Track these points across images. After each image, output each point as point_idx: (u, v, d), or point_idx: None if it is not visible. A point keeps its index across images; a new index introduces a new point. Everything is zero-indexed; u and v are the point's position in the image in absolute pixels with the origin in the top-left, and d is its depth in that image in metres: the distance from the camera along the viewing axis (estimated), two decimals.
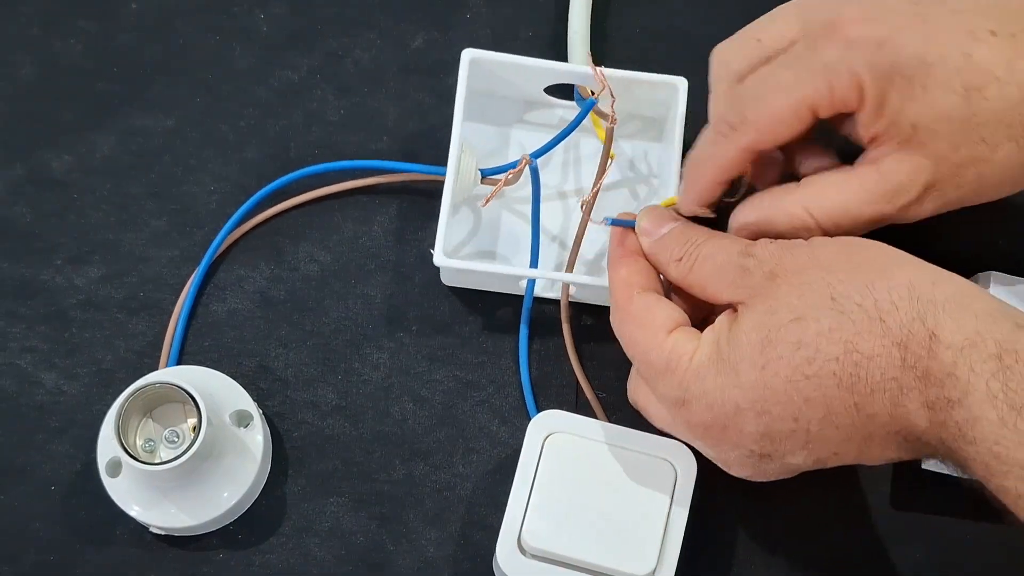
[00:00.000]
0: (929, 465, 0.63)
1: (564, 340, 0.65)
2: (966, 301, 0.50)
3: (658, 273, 0.58)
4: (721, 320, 0.54)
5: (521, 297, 0.65)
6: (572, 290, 0.65)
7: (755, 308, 0.53)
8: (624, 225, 0.59)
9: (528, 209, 0.65)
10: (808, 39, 0.54)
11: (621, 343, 0.57)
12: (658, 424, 0.57)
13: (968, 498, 0.62)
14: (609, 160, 0.61)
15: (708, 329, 0.55)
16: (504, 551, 0.58)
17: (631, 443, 0.59)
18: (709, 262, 0.55)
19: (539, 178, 0.63)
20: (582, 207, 0.62)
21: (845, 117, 0.55)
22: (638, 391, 0.58)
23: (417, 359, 0.65)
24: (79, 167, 0.67)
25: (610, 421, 0.62)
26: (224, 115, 0.69)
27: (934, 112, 0.52)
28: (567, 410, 0.60)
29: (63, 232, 0.66)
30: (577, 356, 0.65)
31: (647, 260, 0.58)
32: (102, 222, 0.67)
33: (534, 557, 0.58)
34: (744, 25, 0.58)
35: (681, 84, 0.64)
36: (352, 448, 0.64)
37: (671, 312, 0.56)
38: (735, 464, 0.55)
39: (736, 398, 0.52)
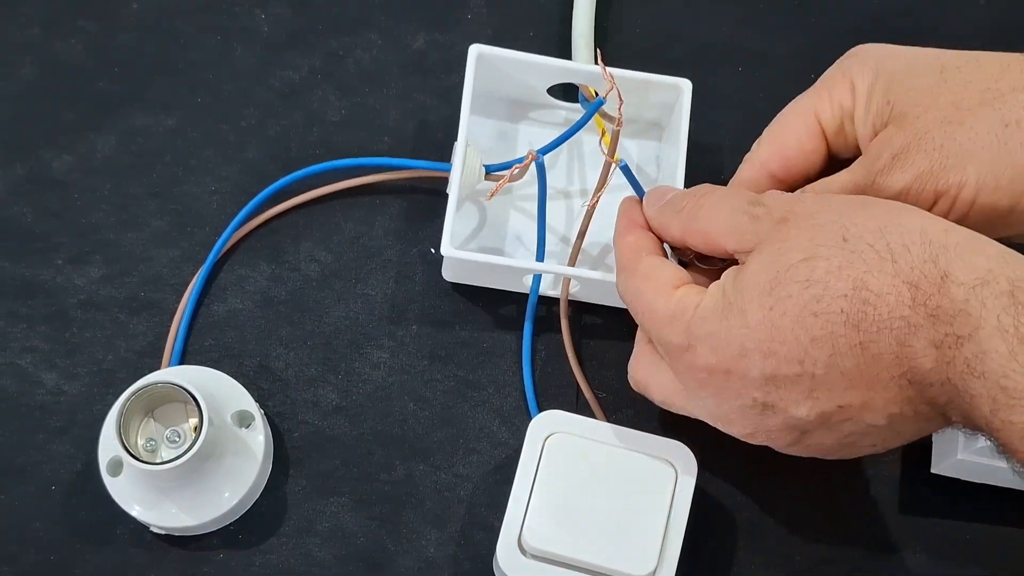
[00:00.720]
0: (938, 469, 0.63)
1: (563, 339, 0.65)
2: (977, 245, 0.51)
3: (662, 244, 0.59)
4: (727, 272, 0.54)
5: (523, 296, 0.66)
6: (573, 289, 0.65)
7: (764, 251, 0.53)
8: (633, 180, 0.60)
9: (532, 207, 0.65)
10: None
11: (626, 301, 0.57)
12: (659, 397, 0.57)
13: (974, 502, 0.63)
14: (613, 165, 0.61)
15: (714, 283, 0.55)
16: (504, 551, 0.58)
17: (632, 443, 0.59)
18: (715, 210, 0.56)
19: (545, 174, 0.63)
20: (587, 213, 0.62)
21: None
22: (638, 363, 0.58)
23: (418, 359, 0.65)
24: (80, 167, 0.67)
25: (610, 421, 0.62)
26: (225, 115, 0.69)
27: (907, 85, 0.57)
28: (567, 410, 0.60)
29: (64, 232, 0.66)
30: (576, 355, 0.65)
31: (653, 232, 0.59)
32: (103, 222, 0.67)
33: (534, 557, 0.58)
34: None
35: (686, 86, 0.64)
36: (353, 448, 0.64)
37: (677, 270, 0.56)
38: (736, 418, 0.55)
39: (742, 339, 0.52)
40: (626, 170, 0.59)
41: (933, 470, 0.63)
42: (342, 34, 0.70)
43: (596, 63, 0.61)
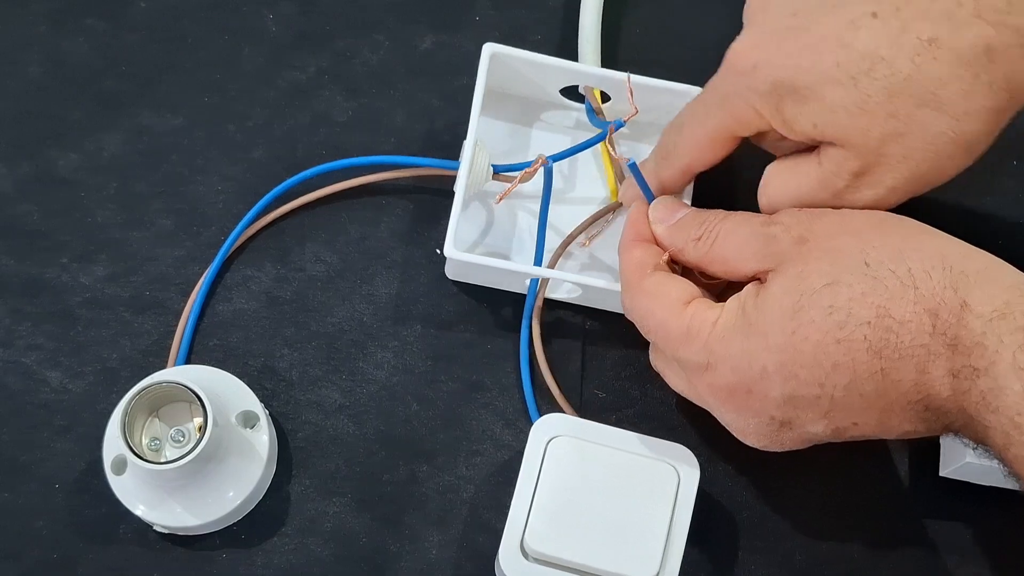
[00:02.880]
0: (946, 472, 0.63)
1: (533, 339, 0.65)
2: (996, 274, 0.51)
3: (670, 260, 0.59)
4: (747, 289, 0.55)
5: (524, 295, 0.66)
6: (573, 294, 0.65)
7: (785, 273, 0.53)
8: (642, 180, 0.60)
9: (535, 207, 0.65)
10: (718, 73, 0.58)
11: (635, 319, 0.58)
12: (676, 389, 0.59)
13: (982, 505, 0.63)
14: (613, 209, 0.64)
15: (732, 297, 0.55)
16: (507, 554, 0.58)
17: (634, 447, 0.59)
18: (731, 236, 0.56)
19: (552, 180, 0.63)
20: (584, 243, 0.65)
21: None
22: (656, 356, 0.59)
23: (422, 360, 0.65)
24: (86, 166, 0.67)
25: (610, 422, 0.63)
26: (231, 115, 0.69)
27: (827, 107, 0.54)
28: (570, 413, 0.60)
29: (69, 230, 0.67)
30: (546, 356, 0.65)
31: (659, 246, 0.59)
32: (109, 221, 0.67)
33: (536, 560, 0.58)
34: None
35: (693, 92, 0.64)
36: (356, 449, 0.64)
37: (686, 286, 0.57)
38: (752, 432, 0.56)
39: (764, 361, 0.53)
40: (634, 168, 0.59)
41: (942, 473, 0.63)
42: (349, 35, 0.70)
43: (627, 88, 0.61)
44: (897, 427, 0.53)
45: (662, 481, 0.58)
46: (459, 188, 0.62)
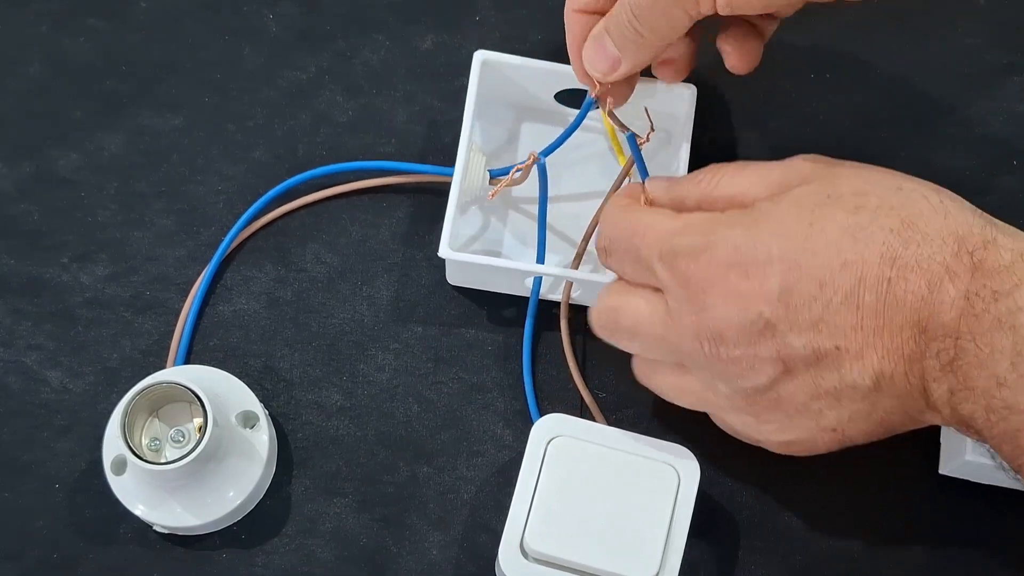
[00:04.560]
0: (946, 470, 0.63)
1: (563, 342, 0.65)
2: (1020, 232, 0.51)
3: None
4: (759, 198, 0.54)
5: (527, 299, 0.66)
6: (575, 292, 0.65)
7: (813, 182, 0.53)
8: (639, 156, 0.60)
9: (535, 210, 0.65)
10: None
11: (615, 236, 0.56)
12: (629, 322, 0.56)
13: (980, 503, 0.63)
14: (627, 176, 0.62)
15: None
16: (507, 555, 0.58)
17: (634, 447, 0.59)
18: (742, 172, 0.55)
19: (547, 176, 0.63)
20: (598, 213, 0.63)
21: None
22: (613, 288, 0.57)
23: (422, 361, 0.65)
24: (87, 165, 0.68)
25: (611, 422, 0.63)
26: (232, 115, 0.69)
27: None
28: (572, 413, 0.60)
29: (70, 230, 0.67)
30: (576, 358, 0.65)
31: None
32: (109, 221, 0.67)
33: (537, 561, 0.58)
34: None
35: (690, 91, 0.64)
36: (356, 449, 0.64)
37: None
38: (730, 334, 0.52)
39: (770, 245, 0.51)
40: (632, 140, 0.59)
41: (941, 471, 0.63)
42: (350, 35, 0.70)
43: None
44: (876, 363, 0.51)
45: (662, 481, 0.58)
46: (453, 194, 0.62)
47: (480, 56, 0.64)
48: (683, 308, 0.53)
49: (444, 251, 0.61)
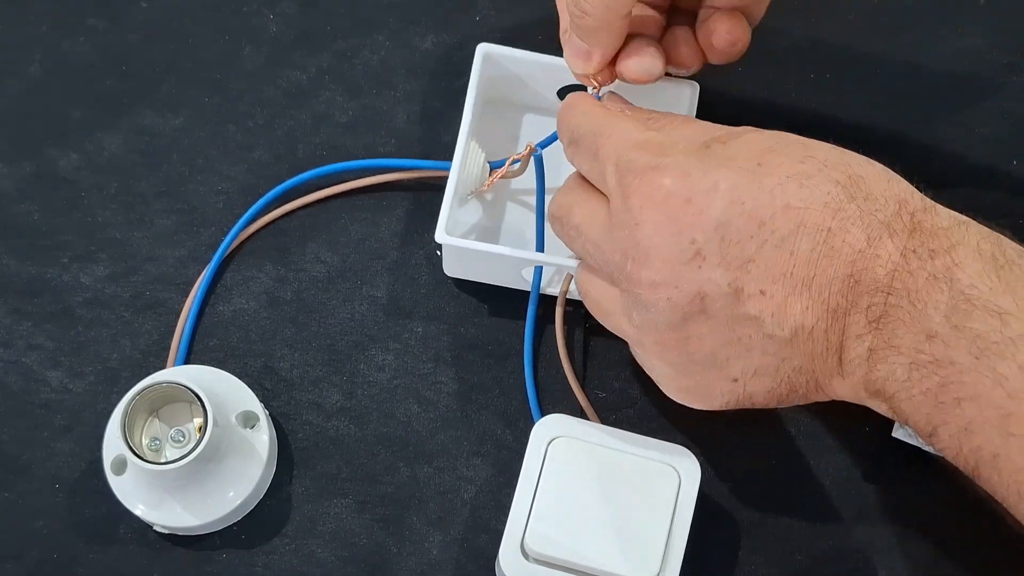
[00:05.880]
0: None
1: (557, 339, 0.65)
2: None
3: None
4: (715, 136, 0.54)
5: (526, 295, 0.65)
6: (573, 286, 0.65)
7: (763, 132, 0.53)
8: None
9: (534, 202, 0.65)
10: None
11: (584, 132, 0.56)
12: (578, 220, 0.56)
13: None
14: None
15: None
16: (507, 555, 0.58)
17: (635, 448, 0.59)
18: (688, 123, 0.56)
19: (543, 167, 0.63)
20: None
21: None
22: (566, 189, 0.58)
23: (423, 361, 0.65)
24: (87, 165, 0.68)
25: (611, 421, 0.63)
26: (232, 115, 0.69)
27: None
28: (573, 413, 0.60)
29: (70, 230, 0.67)
30: (569, 356, 0.65)
31: None
32: (109, 220, 0.67)
33: (537, 561, 0.58)
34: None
35: (692, 88, 0.64)
36: (356, 449, 0.64)
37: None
38: (657, 256, 0.52)
39: (717, 177, 0.51)
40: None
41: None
42: (350, 35, 0.70)
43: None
44: (798, 314, 0.51)
45: (663, 482, 0.58)
46: (451, 180, 0.62)
47: (483, 49, 0.64)
48: (620, 220, 0.53)
49: (441, 236, 0.61)
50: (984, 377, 0.48)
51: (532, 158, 0.63)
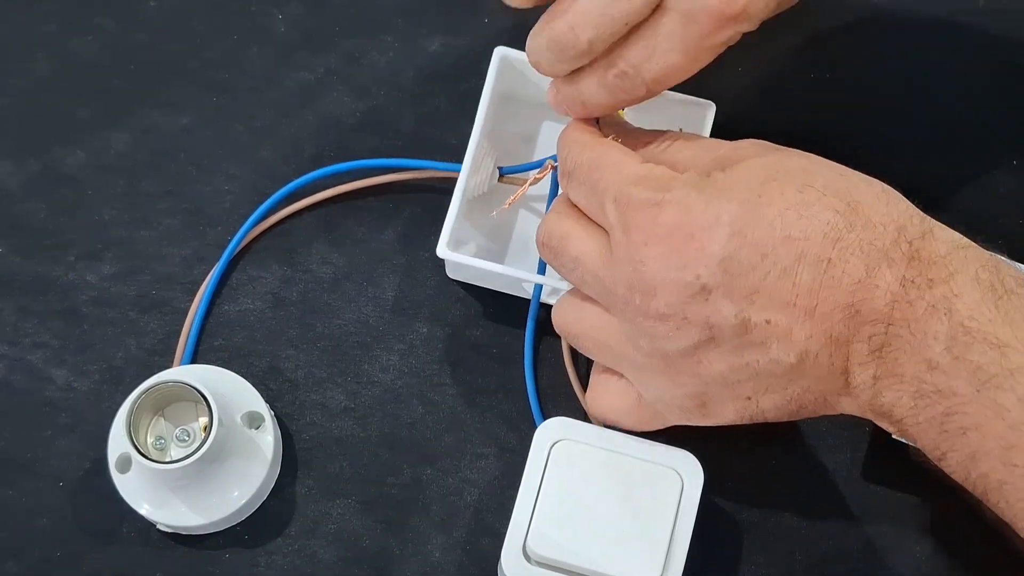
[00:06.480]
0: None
1: (563, 348, 0.65)
2: (950, 229, 0.53)
3: None
4: (714, 163, 0.54)
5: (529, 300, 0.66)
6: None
7: (764, 156, 0.53)
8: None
9: (543, 210, 0.65)
10: None
11: (580, 164, 0.56)
12: (574, 252, 0.56)
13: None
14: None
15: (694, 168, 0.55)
16: (509, 558, 0.58)
17: (638, 451, 0.59)
18: (689, 143, 0.56)
19: (557, 184, 0.63)
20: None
21: None
22: (558, 218, 0.57)
23: (427, 362, 0.65)
24: (93, 164, 0.68)
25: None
26: (239, 115, 0.69)
27: None
28: (576, 417, 0.60)
29: (76, 229, 0.67)
30: (573, 361, 0.65)
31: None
32: (115, 219, 0.67)
33: (539, 564, 0.58)
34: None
35: (709, 108, 0.64)
36: (360, 451, 0.64)
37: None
38: (663, 292, 0.52)
39: (719, 210, 0.51)
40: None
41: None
42: (358, 36, 0.70)
43: None
44: (803, 341, 0.51)
45: (665, 486, 0.58)
46: (459, 188, 0.62)
47: (500, 52, 0.64)
48: (623, 255, 0.54)
49: (442, 251, 0.61)
50: (986, 409, 0.49)
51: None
